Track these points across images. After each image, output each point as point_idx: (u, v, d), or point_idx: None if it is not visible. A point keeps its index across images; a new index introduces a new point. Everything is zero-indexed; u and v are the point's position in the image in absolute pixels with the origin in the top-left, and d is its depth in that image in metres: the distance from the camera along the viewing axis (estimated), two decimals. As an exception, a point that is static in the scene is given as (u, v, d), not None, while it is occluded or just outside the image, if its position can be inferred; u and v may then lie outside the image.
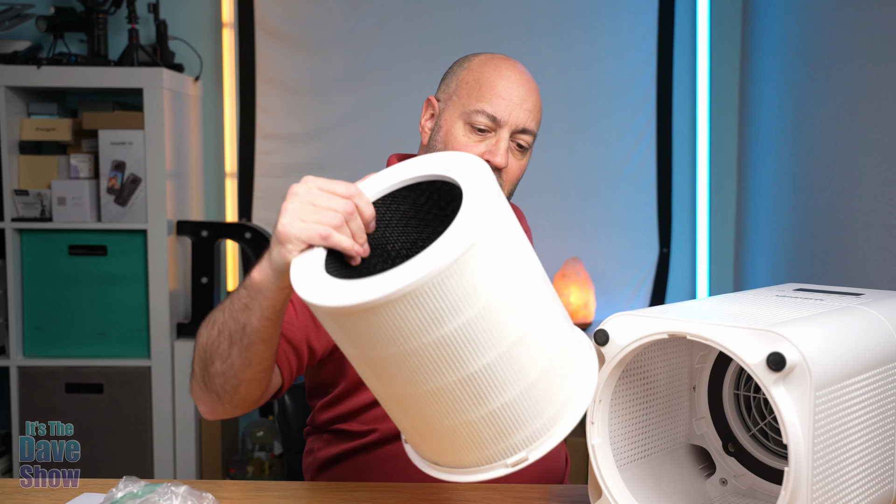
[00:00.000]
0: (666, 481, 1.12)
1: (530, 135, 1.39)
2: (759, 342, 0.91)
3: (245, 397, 1.18)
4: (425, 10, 3.00)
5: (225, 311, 1.13)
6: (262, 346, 1.12)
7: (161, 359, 2.73)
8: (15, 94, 2.73)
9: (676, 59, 3.01)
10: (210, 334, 1.15)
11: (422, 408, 0.94)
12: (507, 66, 1.40)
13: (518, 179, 1.42)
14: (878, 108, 1.86)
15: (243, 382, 1.16)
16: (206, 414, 1.23)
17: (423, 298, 0.86)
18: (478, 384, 0.91)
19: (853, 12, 2.02)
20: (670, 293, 3.08)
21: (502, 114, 1.36)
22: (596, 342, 1.03)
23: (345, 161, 3.02)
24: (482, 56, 1.42)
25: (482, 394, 0.91)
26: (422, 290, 0.86)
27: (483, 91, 1.37)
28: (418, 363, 0.90)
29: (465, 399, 0.92)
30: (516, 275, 0.92)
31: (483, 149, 1.36)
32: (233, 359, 1.13)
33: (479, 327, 0.89)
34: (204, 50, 3.02)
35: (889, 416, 1.04)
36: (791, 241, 2.44)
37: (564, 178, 3.01)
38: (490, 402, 0.92)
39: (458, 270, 0.86)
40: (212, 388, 1.17)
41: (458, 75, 1.42)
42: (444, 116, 1.40)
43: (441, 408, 0.93)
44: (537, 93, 1.42)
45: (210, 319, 1.17)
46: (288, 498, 1.18)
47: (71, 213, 2.70)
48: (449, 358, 0.89)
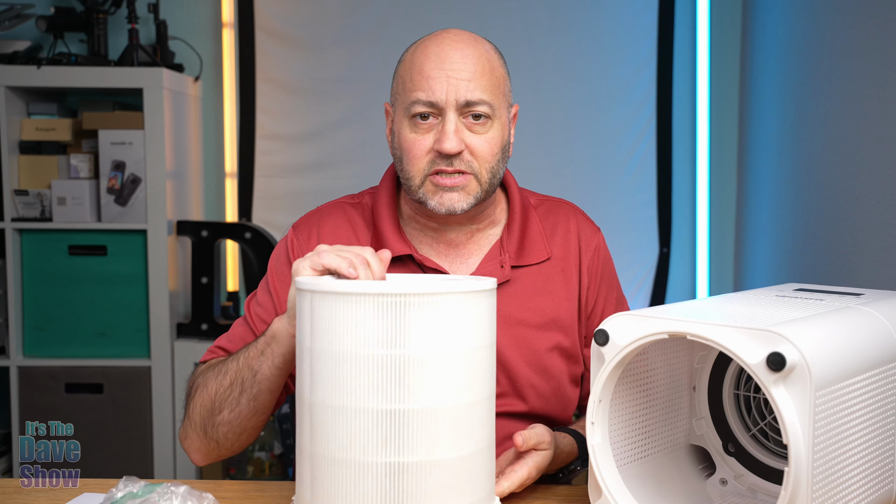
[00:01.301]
0: (666, 481, 1.12)
1: (483, 104, 1.24)
2: (759, 342, 0.91)
3: (243, 444, 1.26)
4: (425, 11, 3.00)
5: (239, 360, 1.19)
6: (268, 395, 1.18)
7: (161, 359, 2.73)
8: (15, 94, 2.73)
9: (676, 59, 3.01)
10: (220, 383, 1.20)
11: (325, 427, 0.95)
12: (435, 42, 1.26)
13: (496, 155, 1.28)
14: (878, 108, 1.86)
15: (246, 430, 1.22)
16: (199, 460, 1.28)
17: (386, 311, 0.92)
18: (391, 424, 0.93)
19: (853, 12, 2.02)
20: (670, 293, 3.08)
21: (437, 95, 1.23)
22: (596, 342, 1.03)
23: (345, 161, 3.02)
24: (416, 42, 1.31)
25: (390, 437, 0.93)
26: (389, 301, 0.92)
27: (414, 80, 1.25)
28: (352, 372, 0.94)
29: (368, 436, 0.93)
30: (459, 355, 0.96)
31: (432, 139, 1.25)
32: (241, 407, 1.19)
33: (427, 368, 0.94)
34: (204, 50, 3.02)
35: (889, 416, 1.04)
36: (791, 241, 2.44)
37: (564, 178, 3.01)
38: (392, 455, 0.93)
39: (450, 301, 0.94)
40: (213, 436, 1.22)
41: (397, 72, 1.31)
42: (396, 121, 1.31)
43: (343, 436, 0.94)
44: (477, 56, 1.26)
45: (219, 369, 1.22)
46: (288, 498, 1.18)
47: (71, 213, 2.70)
48: (381, 383, 0.93)
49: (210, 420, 1.21)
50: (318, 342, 0.96)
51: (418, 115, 1.25)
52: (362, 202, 1.41)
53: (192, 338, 2.78)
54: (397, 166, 1.32)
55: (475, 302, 0.97)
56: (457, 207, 1.27)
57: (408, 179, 1.28)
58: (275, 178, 3.03)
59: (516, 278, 1.35)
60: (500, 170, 1.31)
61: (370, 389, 0.93)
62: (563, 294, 1.37)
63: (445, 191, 1.26)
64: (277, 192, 3.04)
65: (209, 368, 1.25)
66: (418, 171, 1.26)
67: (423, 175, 1.26)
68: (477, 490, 0.99)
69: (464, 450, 0.97)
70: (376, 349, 0.93)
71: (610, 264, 1.46)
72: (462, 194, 1.27)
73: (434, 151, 1.25)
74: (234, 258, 3.06)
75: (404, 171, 1.29)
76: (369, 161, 2.98)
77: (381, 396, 0.93)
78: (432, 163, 1.26)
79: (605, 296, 1.43)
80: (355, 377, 0.93)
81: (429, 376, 0.94)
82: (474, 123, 1.25)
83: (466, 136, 1.25)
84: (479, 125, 1.26)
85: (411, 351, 0.93)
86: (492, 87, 1.26)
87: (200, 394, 1.22)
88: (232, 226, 2.88)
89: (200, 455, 1.26)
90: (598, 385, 1.03)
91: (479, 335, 0.98)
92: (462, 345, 0.96)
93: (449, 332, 0.95)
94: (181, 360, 2.75)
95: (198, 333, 2.77)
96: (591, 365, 1.06)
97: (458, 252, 1.36)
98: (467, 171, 1.26)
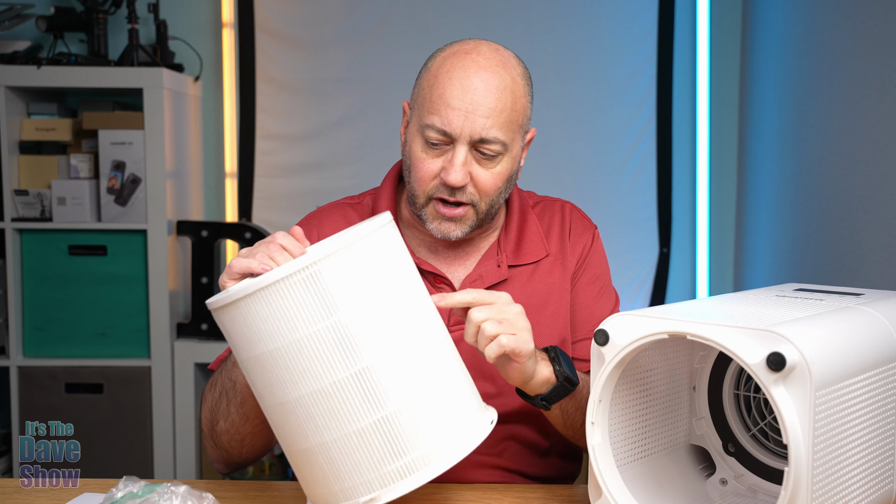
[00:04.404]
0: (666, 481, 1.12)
1: (494, 143, 1.24)
2: (759, 342, 0.91)
3: (252, 449, 1.26)
4: (425, 11, 3.00)
5: (222, 373, 1.22)
6: (252, 401, 1.18)
7: (161, 359, 2.73)
8: (15, 94, 2.72)
9: (676, 59, 3.01)
10: (213, 395, 1.23)
11: (289, 422, 0.98)
12: (462, 65, 1.24)
13: (499, 188, 1.28)
14: (878, 108, 1.86)
15: (246, 436, 1.23)
16: (221, 469, 1.30)
17: (284, 294, 0.93)
18: (359, 387, 0.95)
19: (853, 12, 2.02)
20: (670, 293, 3.08)
21: (453, 127, 1.22)
22: (596, 342, 1.03)
23: (345, 161, 3.02)
24: (445, 52, 1.28)
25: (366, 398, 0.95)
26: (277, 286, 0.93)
27: (434, 102, 1.24)
28: (289, 362, 0.95)
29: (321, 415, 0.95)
30: (386, 299, 0.98)
31: (440, 165, 1.25)
32: (232, 416, 1.21)
33: (365, 324, 0.95)
34: (204, 50, 3.02)
35: (889, 416, 1.04)
36: (791, 241, 2.44)
37: (564, 178, 3.01)
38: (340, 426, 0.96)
39: (315, 275, 0.93)
40: (220, 445, 1.25)
41: (421, 78, 1.30)
42: (409, 128, 1.31)
43: (303, 422, 0.97)
44: (501, 87, 1.23)
45: (212, 381, 1.25)
46: (288, 498, 1.19)
47: (71, 213, 2.70)
48: (311, 362, 0.94)
49: (212, 431, 1.24)
50: (253, 350, 0.97)
51: (430, 140, 1.25)
52: (363, 203, 1.42)
53: (192, 338, 2.77)
54: (405, 171, 1.32)
55: (379, 244, 0.99)
56: (451, 235, 1.30)
57: (413, 193, 1.30)
58: (275, 178, 3.03)
59: (514, 277, 1.35)
60: (501, 199, 1.32)
61: (325, 367, 0.94)
62: (562, 290, 1.37)
63: (444, 219, 1.29)
64: (277, 192, 3.04)
65: (210, 382, 1.29)
66: (423, 192, 1.28)
67: (427, 197, 1.28)
68: (468, 408, 1.03)
69: (438, 379, 1.00)
70: (309, 327, 0.94)
71: (599, 257, 1.44)
72: (459, 224, 1.29)
73: (440, 178, 1.26)
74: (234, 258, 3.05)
75: (410, 184, 1.30)
76: (369, 161, 2.98)
77: (337, 367, 0.95)
78: (437, 189, 1.27)
79: (587, 283, 1.40)
80: (306, 363, 0.95)
81: (371, 331, 0.95)
82: (483, 158, 1.25)
83: (473, 169, 1.25)
84: (488, 160, 1.26)
85: (343, 315, 0.94)
86: (509, 122, 1.25)
87: (204, 406, 1.27)
88: (232, 226, 2.88)
89: (220, 465, 1.29)
90: (597, 385, 1.04)
91: (400, 268, 1.01)
92: (390, 285, 0.98)
93: (370, 280, 0.96)
94: (181, 360, 2.75)
95: (198, 333, 2.77)
96: (591, 365, 1.07)
97: (456, 254, 1.37)
98: (467, 202, 1.27)
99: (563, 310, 1.37)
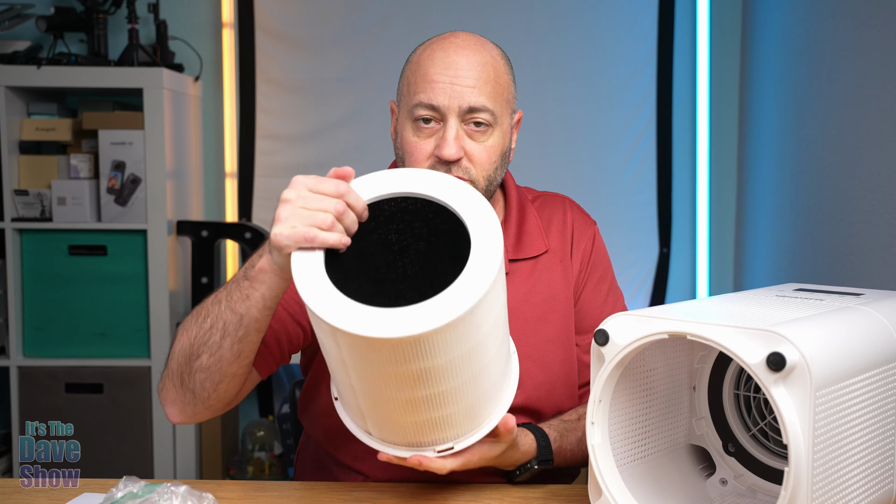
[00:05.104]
0: (666, 481, 1.12)
1: (485, 112, 1.25)
2: (759, 342, 0.91)
3: (222, 396, 1.19)
4: (425, 11, 3.00)
5: (221, 304, 1.15)
6: (255, 336, 1.15)
7: (161, 359, 2.73)
8: (15, 94, 2.72)
9: (676, 59, 3.01)
10: (201, 327, 1.15)
11: (379, 404, 1.03)
12: (442, 46, 1.27)
13: (494, 163, 1.29)
14: (878, 108, 1.86)
15: (226, 377, 1.17)
16: (174, 416, 1.22)
17: (424, 343, 0.94)
18: (435, 399, 1.01)
19: (853, 12, 2.02)
20: (670, 293, 3.08)
21: (440, 100, 1.24)
22: (596, 342, 1.04)
23: (345, 161, 2.98)
24: (425, 43, 1.32)
25: (435, 405, 1.02)
26: (426, 336, 0.94)
27: (418, 83, 1.26)
28: (393, 381, 0.98)
29: (419, 407, 1.01)
30: (500, 316, 1.05)
31: (433, 144, 1.25)
32: (223, 351, 1.15)
33: (457, 363, 0.98)
34: (204, 50, 3.02)
35: (889, 416, 1.04)
36: (791, 241, 2.44)
37: (564, 178, 3.01)
38: (438, 411, 1.03)
39: (462, 321, 0.95)
40: (189, 385, 1.17)
41: (404, 71, 1.33)
42: (399, 121, 1.32)
43: (397, 409, 1.02)
44: (483, 62, 1.26)
45: (198, 313, 1.17)
46: (288, 498, 1.18)
47: (71, 213, 2.70)
48: (420, 381, 0.98)
49: (188, 367, 1.16)
50: (349, 360, 0.99)
51: (421, 119, 1.26)
52: None
53: (192, 338, 2.77)
54: (399, 166, 1.32)
55: (495, 287, 1.00)
56: None
57: None
58: (275, 178, 3.03)
59: (514, 272, 1.35)
60: (498, 176, 1.31)
61: (411, 386, 0.99)
62: (562, 285, 1.38)
63: None
64: (277, 192, 3.00)
65: (191, 315, 1.20)
66: None
67: None
68: (500, 392, 1.12)
69: (488, 384, 1.07)
70: (411, 366, 0.97)
71: (602, 255, 1.45)
72: None
73: (434, 156, 1.26)
74: (234, 258, 3.06)
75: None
76: (369, 161, 2.97)
77: (421, 387, 0.99)
78: (432, 168, 1.26)
79: (594, 285, 1.42)
80: (395, 383, 0.99)
81: (465, 362, 1.00)
82: (475, 131, 1.26)
83: (466, 143, 1.26)
84: (480, 133, 1.26)
85: (445, 358, 0.97)
86: (495, 94, 1.26)
87: (180, 339, 1.18)
88: (232, 226, 2.88)
89: (176, 408, 1.21)
90: (598, 385, 1.04)
91: (500, 300, 1.05)
92: (492, 322, 1.02)
93: (479, 326, 0.99)
94: (181, 360, 2.75)
95: (198, 333, 2.77)
96: (591, 365, 1.07)
97: None
98: (464, 177, 1.26)
99: (568, 310, 1.38)
